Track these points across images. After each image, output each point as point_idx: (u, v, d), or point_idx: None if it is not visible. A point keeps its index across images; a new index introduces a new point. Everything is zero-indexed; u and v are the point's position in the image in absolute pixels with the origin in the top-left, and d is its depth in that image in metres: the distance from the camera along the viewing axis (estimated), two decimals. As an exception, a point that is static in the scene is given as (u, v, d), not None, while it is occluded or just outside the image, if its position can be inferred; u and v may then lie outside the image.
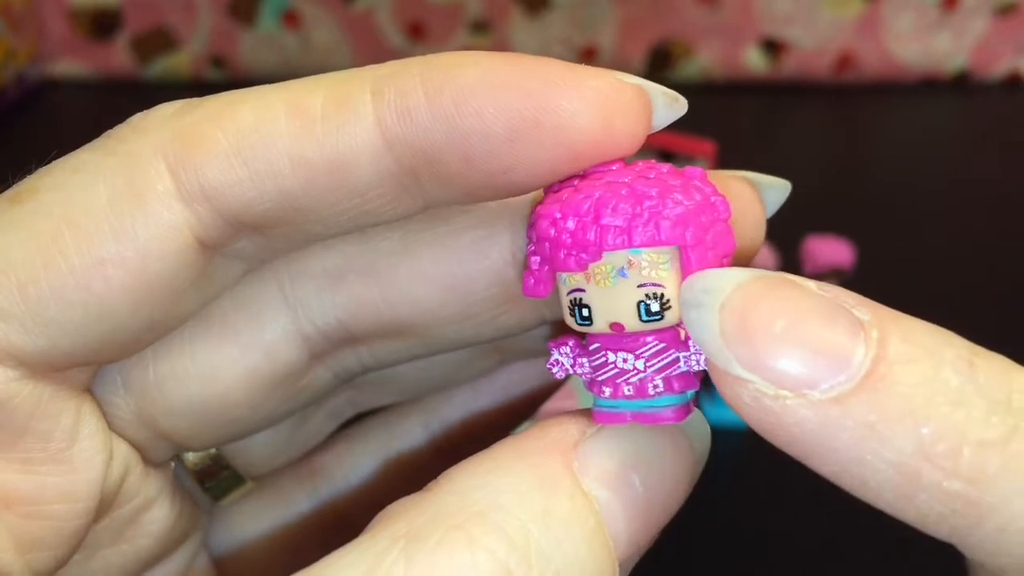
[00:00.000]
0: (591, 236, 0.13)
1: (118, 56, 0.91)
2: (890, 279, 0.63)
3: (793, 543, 0.43)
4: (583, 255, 0.13)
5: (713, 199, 0.14)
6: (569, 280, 0.14)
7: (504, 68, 0.13)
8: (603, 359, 0.14)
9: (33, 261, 0.14)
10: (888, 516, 0.41)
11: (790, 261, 0.59)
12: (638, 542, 0.14)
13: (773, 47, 0.90)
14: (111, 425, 0.17)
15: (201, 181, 0.14)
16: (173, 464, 0.19)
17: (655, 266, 0.13)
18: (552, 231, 0.13)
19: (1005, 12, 0.89)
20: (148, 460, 0.18)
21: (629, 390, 0.14)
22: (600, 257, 0.13)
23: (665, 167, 0.14)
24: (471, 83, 0.13)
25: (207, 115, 0.14)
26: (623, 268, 0.13)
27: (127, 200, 0.14)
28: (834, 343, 0.12)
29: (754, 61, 0.91)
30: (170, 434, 0.18)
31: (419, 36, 0.90)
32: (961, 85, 0.91)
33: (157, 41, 0.91)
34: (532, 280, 0.14)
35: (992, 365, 0.13)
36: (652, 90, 0.14)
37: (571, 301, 0.14)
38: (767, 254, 0.57)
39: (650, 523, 0.14)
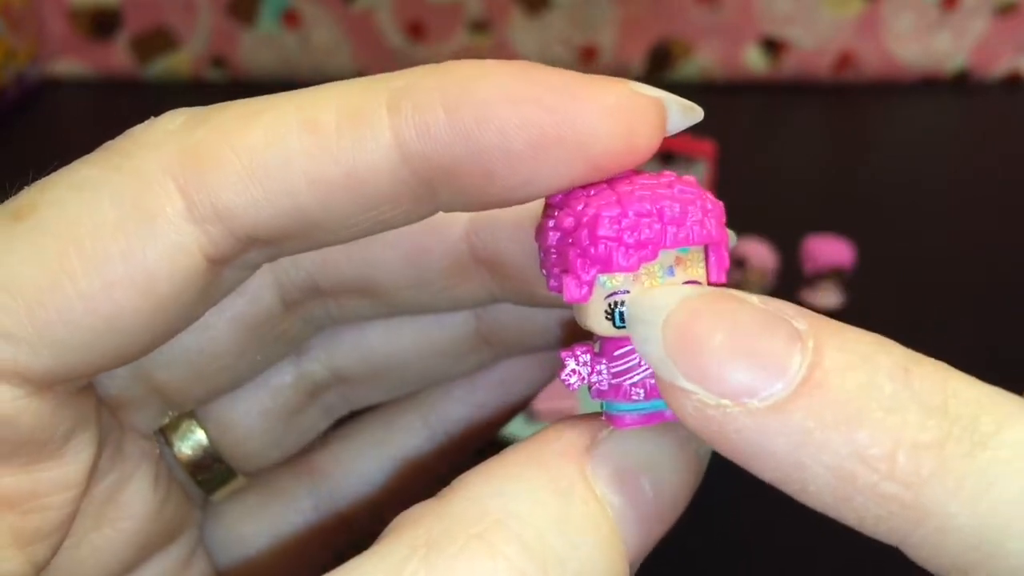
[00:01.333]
0: (652, 234, 0.13)
1: (118, 56, 0.91)
2: (890, 279, 0.63)
3: (794, 542, 0.43)
4: (643, 252, 0.13)
5: (719, 203, 0.15)
6: (609, 282, 0.14)
7: (524, 82, 0.13)
8: (634, 361, 0.14)
9: (40, 282, 0.13)
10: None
11: (790, 261, 0.59)
12: (646, 545, 0.14)
13: (773, 47, 0.90)
14: (105, 388, 0.17)
15: (214, 202, 0.14)
16: (161, 450, 0.19)
17: (696, 263, 0.14)
18: (612, 230, 0.13)
19: (1005, 12, 0.89)
20: (133, 428, 0.18)
21: None
22: (656, 256, 0.13)
23: (670, 175, 0.14)
24: (492, 99, 0.13)
25: (216, 131, 0.14)
26: (671, 266, 0.14)
27: (136, 221, 0.14)
28: (771, 353, 0.12)
29: (754, 61, 0.91)
30: (163, 388, 0.18)
31: (419, 36, 0.90)
32: (961, 85, 0.91)
33: (157, 41, 0.91)
34: (576, 284, 0.14)
35: (928, 372, 0.13)
36: (668, 101, 0.14)
37: (609, 304, 0.14)
38: (767, 254, 0.57)
39: (658, 527, 0.14)
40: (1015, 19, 0.90)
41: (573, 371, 0.14)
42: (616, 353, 0.14)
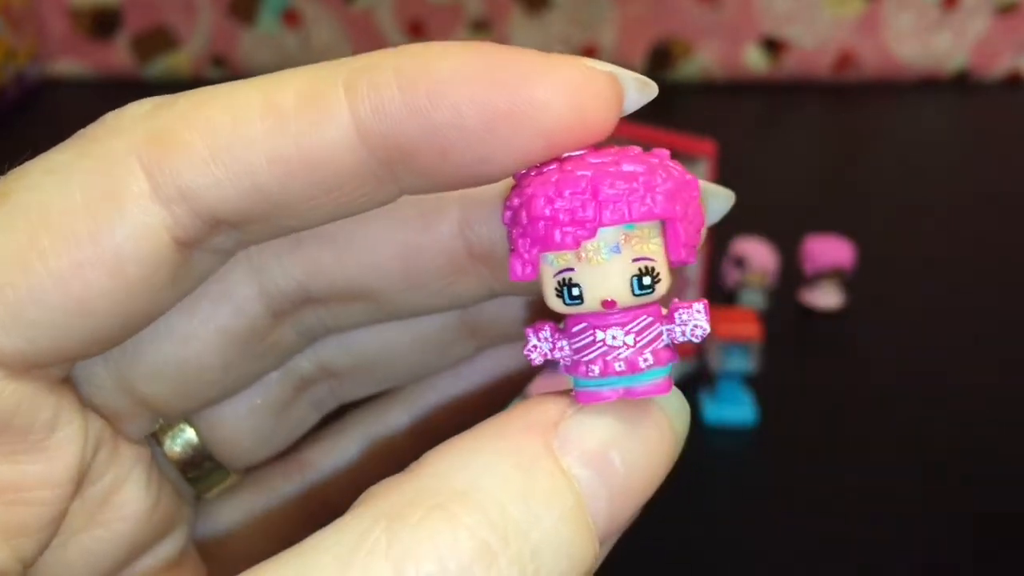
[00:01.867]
0: (589, 212, 0.13)
1: (118, 55, 0.91)
2: (890, 279, 0.63)
3: (792, 542, 0.43)
4: (580, 231, 0.13)
5: (688, 177, 0.15)
6: (557, 260, 0.14)
7: (477, 60, 0.13)
8: (590, 338, 0.14)
9: (11, 264, 0.14)
10: (888, 517, 0.41)
11: (790, 261, 0.59)
12: (618, 520, 0.14)
13: (773, 46, 0.90)
14: (90, 396, 0.17)
15: (178, 182, 0.14)
16: (152, 449, 0.19)
17: (647, 240, 0.14)
18: (547, 210, 0.13)
19: (1005, 11, 0.89)
20: (124, 435, 0.18)
21: (621, 366, 0.14)
22: (595, 233, 0.13)
23: (635, 149, 0.14)
24: (445, 76, 0.13)
25: (181, 115, 0.14)
26: (617, 244, 0.14)
27: (103, 202, 0.14)
28: None
29: (754, 60, 0.91)
30: (149, 400, 0.18)
31: (419, 35, 0.90)
32: (961, 84, 0.91)
33: (157, 40, 0.91)
34: (520, 263, 0.14)
35: None
36: (623, 76, 0.14)
37: (559, 282, 0.14)
38: (767, 254, 0.57)
39: (630, 501, 0.14)
40: (1015, 19, 0.90)
41: (534, 346, 0.14)
42: (574, 330, 0.14)
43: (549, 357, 0.14)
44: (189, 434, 0.20)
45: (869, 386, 0.53)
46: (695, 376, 0.52)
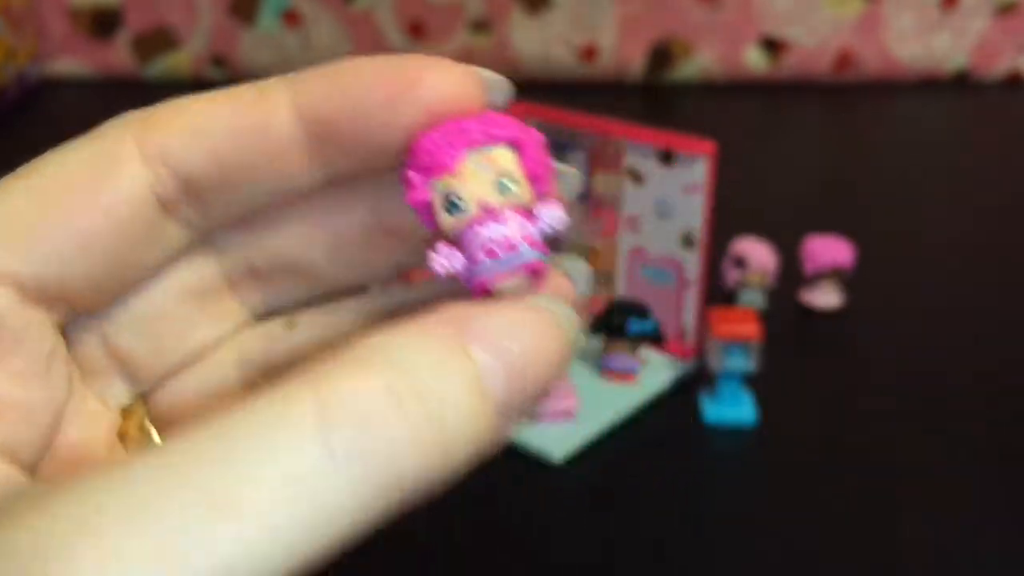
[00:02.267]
0: (460, 140, 0.18)
1: (118, 55, 0.91)
2: (890, 279, 0.63)
3: (792, 542, 0.43)
4: (454, 151, 0.18)
5: (534, 129, 0.19)
6: (440, 185, 0.18)
7: (383, 59, 0.19)
8: (475, 239, 0.18)
9: (27, 210, 0.18)
10: (888, 517, 0.41)
11: (790, 261, 0.59)
12: (515, 397, 0.17)
13: (773, 46, 0.91)
14: (72, 345, 0.21)
15: (160, 148, 0.19)
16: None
17: (507, 160, 0.18)
18: (428, 143, 0.18)
19: (1005, 12, 0.89)
20: (101, 397, 0.21)
21: (501, 250, 0.18)
22: (466, 155, 0.18)
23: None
24: (361, 67, 0.19)
25: (166, 105, 0.19)
26: (485, 163, 0.18)
27: (103, 164, 0.19)
28: None
29: (754, 60, 0.91)
30: (124, 356, 0.21)
31: (419, 35, 0.90)
32: (961, 84, 0.91)
33: (157, 40, 0.91)
34: (413, 191, 0.18)
35: None
36: (484, 74, 0.19)
37: (445, 200, 0.18)
38: (767, 254, 0.57)
39: (524, 383, 0.17)
40: (1015, 19, 0.90)
41: (436, 261, 0.18)
42: (463, 238, 0.18)
43: (450, 268, 0.18)
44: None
45: (869, 386, 0.53)
46: (695, 376, 0.52)
